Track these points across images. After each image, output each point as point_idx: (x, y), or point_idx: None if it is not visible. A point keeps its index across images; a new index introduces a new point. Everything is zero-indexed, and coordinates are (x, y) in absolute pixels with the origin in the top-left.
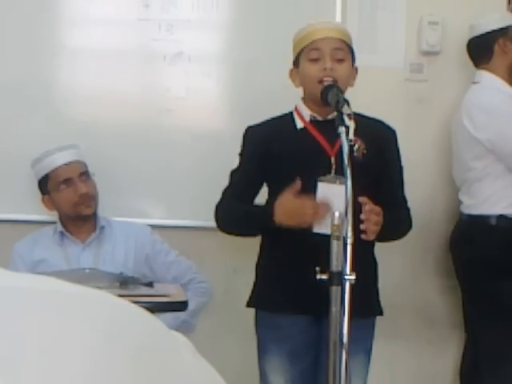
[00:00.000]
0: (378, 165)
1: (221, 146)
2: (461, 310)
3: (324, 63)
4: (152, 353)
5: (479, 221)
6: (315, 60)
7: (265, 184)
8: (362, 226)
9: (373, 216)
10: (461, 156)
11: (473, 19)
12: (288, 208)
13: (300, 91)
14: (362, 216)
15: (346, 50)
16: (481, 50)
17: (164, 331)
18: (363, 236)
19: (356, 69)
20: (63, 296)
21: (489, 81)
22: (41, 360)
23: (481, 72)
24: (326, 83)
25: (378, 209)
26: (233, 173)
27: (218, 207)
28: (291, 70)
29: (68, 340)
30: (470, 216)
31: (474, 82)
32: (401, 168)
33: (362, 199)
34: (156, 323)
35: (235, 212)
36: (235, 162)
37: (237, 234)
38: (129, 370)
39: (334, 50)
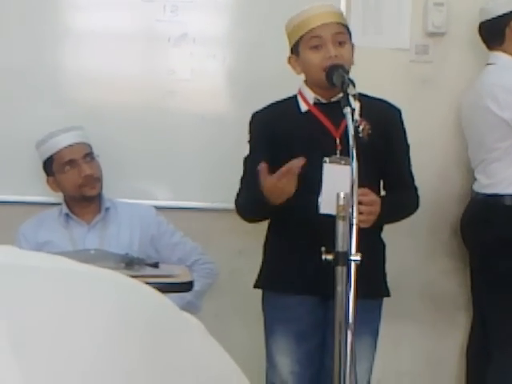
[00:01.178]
0: (383, 145)
1: (226, 128)
2: (467, 291)
3: (328, 51)
4: (162, 333)
5: (494, 200)
6: (316, 47)
7: None
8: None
9: (365, 207)
10: (482, 138)
11: (477, 0)
12: (268, 188)
13: (302, 76)
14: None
15: (344, 33)
16: (492, 33)
17: (175, 312)
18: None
19: (353, 46)
20: (73, 274)
21: (506, 62)
22: (51, 338)
23: (495, 53)
24: (328, 66)
25: (371, 199)
26: (245, 160)
27: (236, 199)
28: (289, 58)
29: (78, 318)
30: (485, 195)
31: (489, 64)
32: (407, 147)
33: (359, 192)
34: (167, 303)
35: (246, 202)
36: (240, 144)
37: (262, 220)
38: (138, 349)
39: (334, 35)
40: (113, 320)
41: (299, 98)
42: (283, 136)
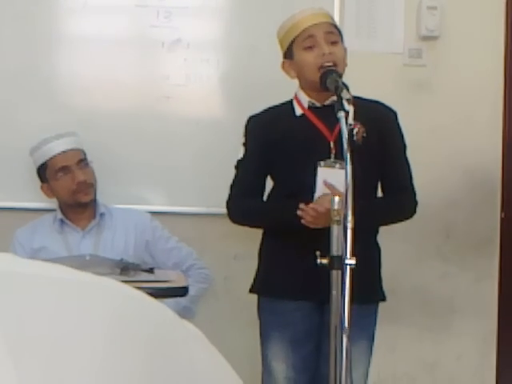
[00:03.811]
0: (379, 147)
1: (220, 133)
2: (462, 295)
3: (321, 49)
4: (163, 343)
5: None
6: (310, 48)
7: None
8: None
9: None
10: None
11: (471, 4)
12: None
13: (296, 82)
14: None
15: (336, 32)
16: None
17: (176, 322)
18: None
19: (345, 49)
20: (74, 283)
21: None
22: (50, 347)
23: None
24: (323, 70)
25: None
26: (238, 163)
27: (229, 204)
28: (283, 63)
29: (77, 328)
30: None
31: None
32: (404, 148)
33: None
34: (168, 313)
35: (256, 214)
36: (235, 149)
37: (251, 227)
38: (138, 358)
39: (327, 34)
40: (113, 329)
41: (295, 102)
42: (278, 139)
